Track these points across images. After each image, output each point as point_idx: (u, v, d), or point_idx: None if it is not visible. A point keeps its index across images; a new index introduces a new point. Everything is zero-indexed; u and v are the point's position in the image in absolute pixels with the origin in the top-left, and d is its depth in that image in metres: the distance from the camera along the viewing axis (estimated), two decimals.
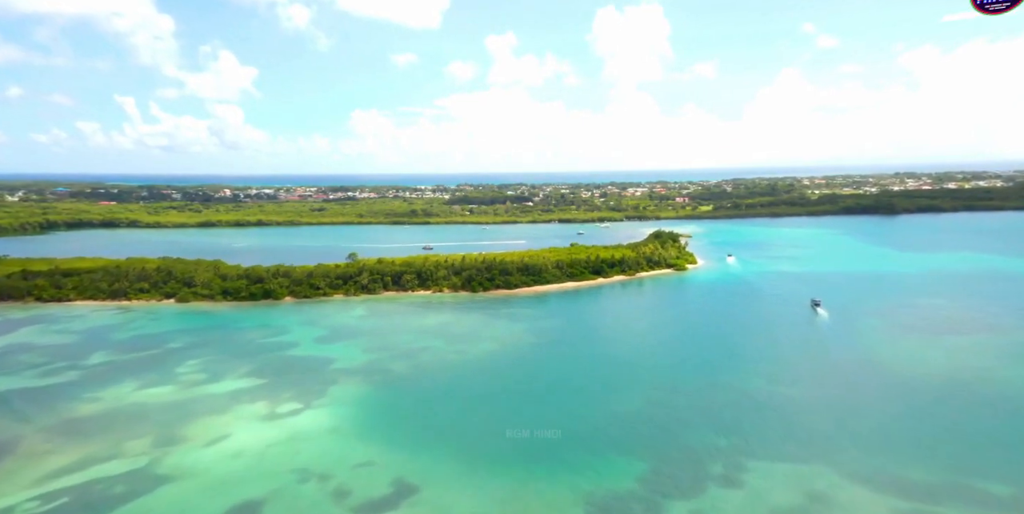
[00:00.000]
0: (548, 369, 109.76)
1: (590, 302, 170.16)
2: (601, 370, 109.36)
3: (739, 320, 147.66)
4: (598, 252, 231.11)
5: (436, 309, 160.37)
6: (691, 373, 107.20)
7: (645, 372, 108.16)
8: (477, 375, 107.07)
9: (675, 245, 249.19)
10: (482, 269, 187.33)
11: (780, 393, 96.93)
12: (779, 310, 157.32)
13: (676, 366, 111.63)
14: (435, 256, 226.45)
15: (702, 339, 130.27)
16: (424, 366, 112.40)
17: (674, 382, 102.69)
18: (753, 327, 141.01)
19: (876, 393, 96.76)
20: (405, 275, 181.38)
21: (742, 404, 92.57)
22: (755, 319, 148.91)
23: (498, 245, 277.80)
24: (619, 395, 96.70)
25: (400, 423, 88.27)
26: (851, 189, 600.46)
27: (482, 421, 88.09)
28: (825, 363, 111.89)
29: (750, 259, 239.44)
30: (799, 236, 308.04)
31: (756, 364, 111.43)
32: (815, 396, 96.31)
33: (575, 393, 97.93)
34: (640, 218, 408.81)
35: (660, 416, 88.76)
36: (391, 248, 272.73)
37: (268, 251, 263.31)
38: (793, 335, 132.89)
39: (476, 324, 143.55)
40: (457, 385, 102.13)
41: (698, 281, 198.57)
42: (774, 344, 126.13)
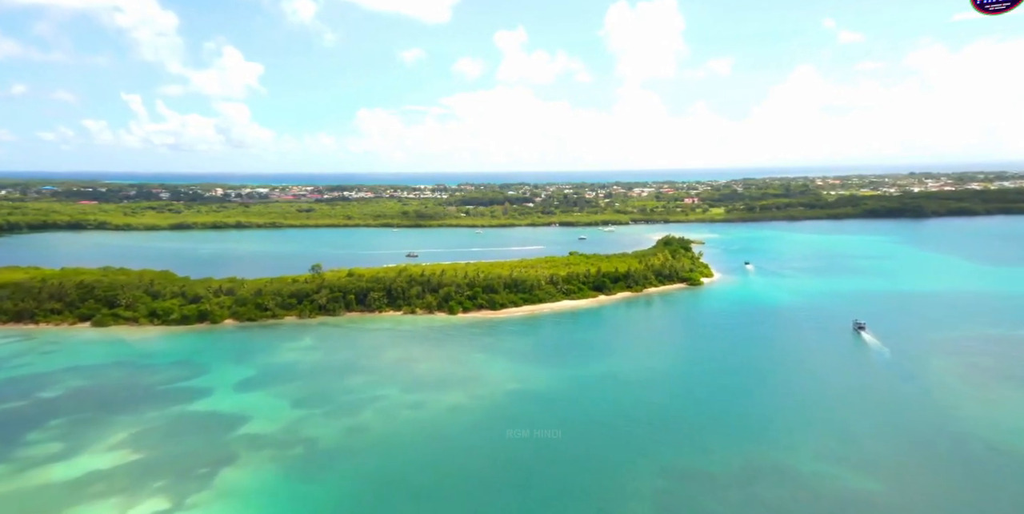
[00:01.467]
0: (525, 442, 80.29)
1: (588, 328, 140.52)
2: (595, 436, 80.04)
3: (770, 352, 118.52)
4: (599, 264, 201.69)
5: (403, 337, 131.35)
6: (719, 443, 77.66)
7: (655, 439, 78.76)
8: (430, 451, 77.83)
9: (688, 254, 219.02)
10: (463, 286, 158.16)
11: (853, 488, 67.23)
12: (816, 336, 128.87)
13: (697, 429, 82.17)
14: (414, 267, 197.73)
15: (727, 382, 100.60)
16: (363, 431, 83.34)
17: (696, 460, 73.27)
18: (789, 362, 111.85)
19: (987, 488, 66.98)
20: (372, 293, 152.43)
21: (802, 510, 63.04)
22: (790, 349, 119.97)
23: (490, 252, 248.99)
24: (617, 483, 67.40)
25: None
26: (868, 190, 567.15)
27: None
28: (902, 429, 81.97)
29: (773, 269, 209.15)
30: (825, 242, 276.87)
31: (805, 428, 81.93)
32: (907, 496, 66.50)
33: (558, 482, 68.67)
34: (647, 221, 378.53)
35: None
36: (372, 256, 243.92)
37: (233, 259, 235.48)
38: (842, 375, 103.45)
39: (446, 361, 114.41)
40: (401, 470, 72.94)
41: (716, 298, 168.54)
42: (821, 389, 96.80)
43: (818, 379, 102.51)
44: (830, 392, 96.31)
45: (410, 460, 74.95)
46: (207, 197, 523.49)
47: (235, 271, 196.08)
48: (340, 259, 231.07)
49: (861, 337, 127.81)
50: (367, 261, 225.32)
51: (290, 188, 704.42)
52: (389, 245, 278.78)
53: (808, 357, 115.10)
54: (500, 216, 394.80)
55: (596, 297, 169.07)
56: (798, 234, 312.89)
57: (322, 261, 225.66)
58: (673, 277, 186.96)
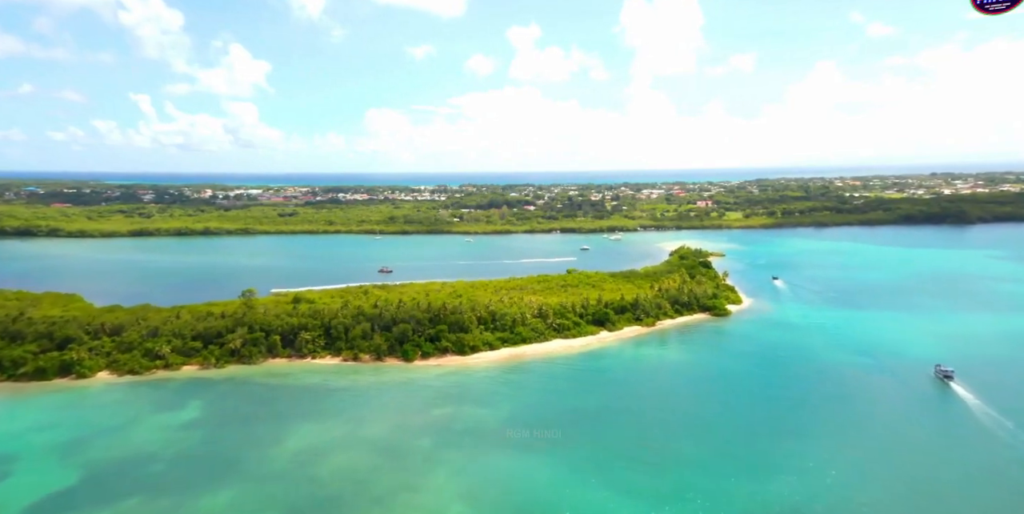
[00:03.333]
0: None
1: (584, 387, 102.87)
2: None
3: (834, 415, 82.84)
4: (602, 285, 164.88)
5: (329, 401, 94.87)
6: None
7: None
8: None
9: (708, 273, 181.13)
10: (424, 322, 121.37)
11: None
12: (888, 389, 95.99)
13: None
14: (377, 290, 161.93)
15: (783, 481, 63.12)
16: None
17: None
18: (871, 444, 74.88)
19: None
20: (304, 333, 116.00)
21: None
22: (857, 409, 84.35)
23: (477, 266, 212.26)
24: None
25: None
26: (893, 192, 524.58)
27: None
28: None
29: (814, 290, 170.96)
30: (869, 255, 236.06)
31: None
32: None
33: None
34: (657, 228, 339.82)
35: None
36: (339, 270, 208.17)
37: (169, 274, 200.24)
38: (939, 448, 66.97)
39: (373, 453, 77.84)
40: None
41: (750, 336, 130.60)
42: (916, 473, 59.78)
43: (905, 456, 65.32)
44: (931, 476, 58.91)
45: None
46: (191, 199, 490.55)
47: (159, 293, 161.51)
48: (297, 276, 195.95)
49: (950, 390, 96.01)
50: (331, 278, 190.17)
51: (285, 189, 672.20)
52: (363, 256, 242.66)
53: (883, 423, 78.47)
54: (497, 221, 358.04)
55: (597, 334, 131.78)
56: (832, 243, 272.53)
57: (274, 279, 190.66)
58: (693, 305, 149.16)
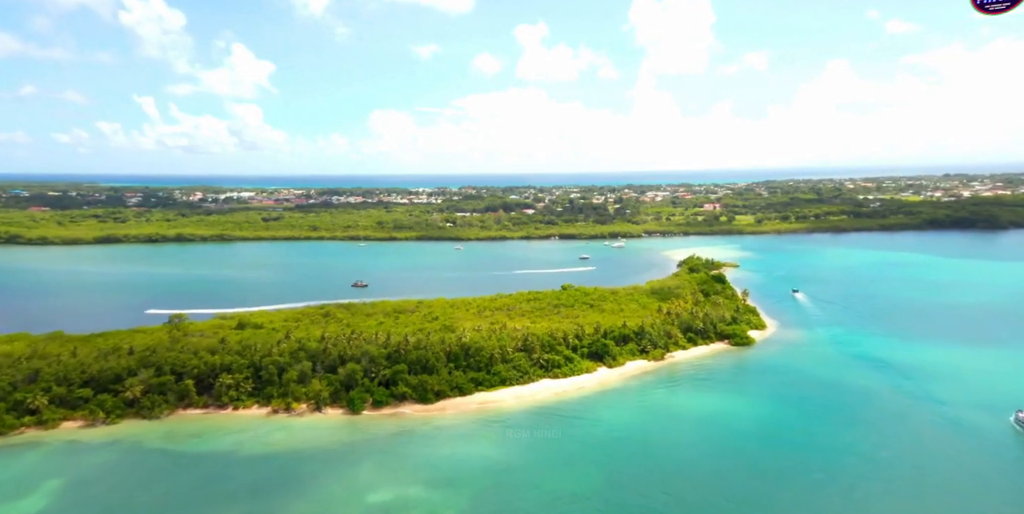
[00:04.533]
0: None
1: (577, 459, 78.21)
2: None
3: (898, 484, 57.13)
4: (601, 306, 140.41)
5: (234, 479, 70.73)
6: None
7: None
8: None
9: (725, 290, 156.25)
10: (379, 360, 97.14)
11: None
12: (959, 440, 71.39)
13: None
14: (340, 311, 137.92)
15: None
16: None
17: None
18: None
19: None
20: (225, 376, 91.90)
21: None
22: (932, 476, 58.53)
23: (464, 278, 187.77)
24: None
25: None
26: (909, 195, 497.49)
27: None
28: None
29: (843, 309, 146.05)
30: (900, 265, 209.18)
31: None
32: None
33: None
34: (663, 233, 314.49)
35: None
36: (306, 285, 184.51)
37: (113, 290, 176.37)
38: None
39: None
40: None
41: (780, 372, 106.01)
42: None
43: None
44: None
45: None
46: (177, 203, 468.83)
47: (85, 317, 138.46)
48: (258, 291, 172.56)
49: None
50: (297, 293, 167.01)
51: (279, 191, 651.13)
52: (340, 267, 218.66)
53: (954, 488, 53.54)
54: (492, 226, 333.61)
55: (594, 371, 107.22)
56: (855, 251, 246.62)
57: (228, 295, 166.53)
58: (708, 332, 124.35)
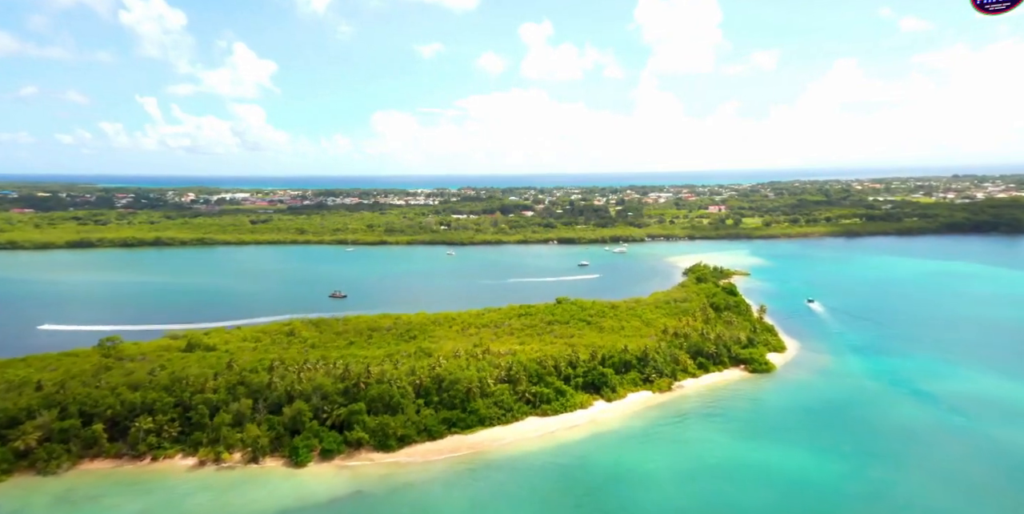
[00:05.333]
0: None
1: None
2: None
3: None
4: (600, 323, 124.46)
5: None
6: None
7: None
8: None
9: (737, 304, 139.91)
10: (333, 397, 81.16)
11: None
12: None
13: None
14: (307, 330, 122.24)
15: None
16: None
17: None
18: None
19: None
20: (144, 419, 76.00)
21: None
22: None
23: (452, 288, 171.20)
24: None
25: None
26: (921, 196, 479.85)
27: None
28: None
29: (871, 324, 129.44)
30: (930, 275, 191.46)
31: None
32: None
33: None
34: (667, 237, 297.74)
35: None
36: (279, 296, 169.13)
37: (57, 304, 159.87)
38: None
39: None
40: None
41: (808, 407, 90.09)
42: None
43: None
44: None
45: None
46: (167, 204, 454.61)
47: (17, 336, 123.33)
48: (223, 304, 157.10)
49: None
50: (267, 306, 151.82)
51: (275, 192, 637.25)
52: (321, 275, 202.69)
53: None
54: (488, 229, 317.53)
55: (590, 406, 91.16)
56: (873, 257, 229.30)
57: (188, 309, 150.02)
58: (721, 356, 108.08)
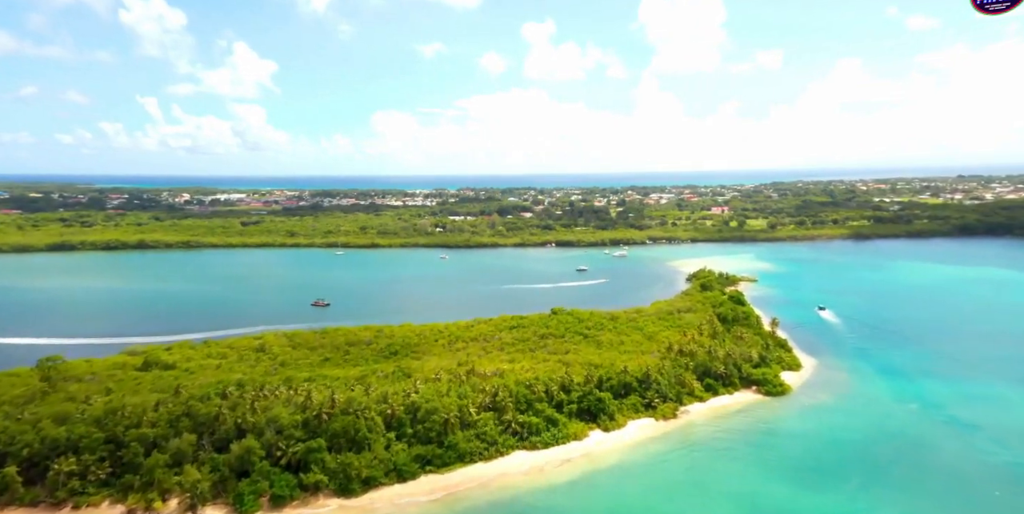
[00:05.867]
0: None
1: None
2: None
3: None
4: (595, 344, 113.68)
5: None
6: None
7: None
8: None
9: (748, 316, 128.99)
10: (290, 431, 70.42)
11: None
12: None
13: None
14: (279, 346, 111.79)
15: None
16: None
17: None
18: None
19: None
20: (65, 460, 65.30)
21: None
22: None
23: (445, 295, 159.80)
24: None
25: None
26: (928, 197, 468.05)
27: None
28: None
29: (892, 335, 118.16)
30: (956, 283, 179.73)
31: None
32: None
33: None
34: (669, 240, 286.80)
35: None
36: (259, 305, 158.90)
37: (21, 314, 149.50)
38: None
39: None
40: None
41: (828, 438, 79.59)
42: None
43: None
44: None
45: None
46: (160, 205, 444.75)
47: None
48: (195, 314, 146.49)
49: None
50: (245, 316, 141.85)
51: (272, 193, 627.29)
52: (306, 281, 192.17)
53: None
54: (484, 231, 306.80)
55: (585, 437, 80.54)
56: (890, 262, 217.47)
57: (158, 319, 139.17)
58: (732, 377, 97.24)
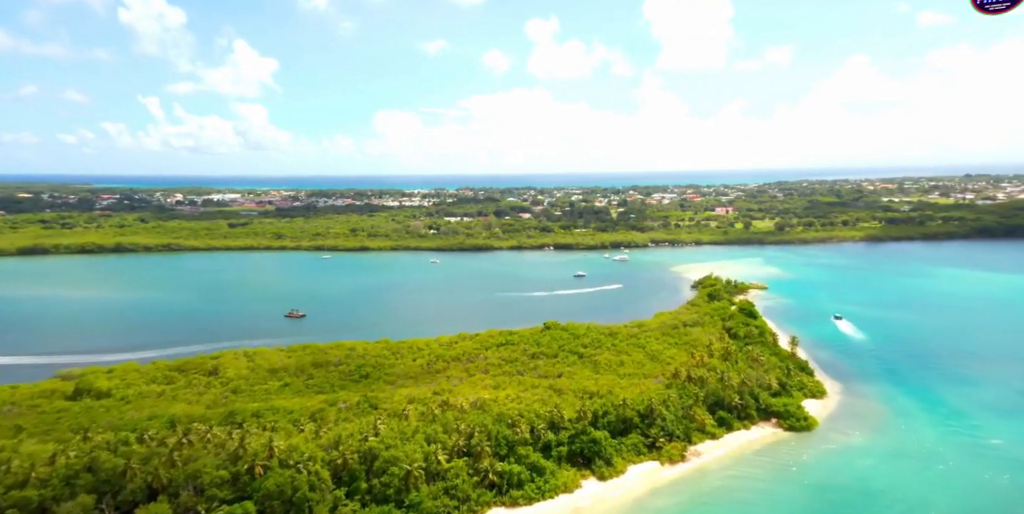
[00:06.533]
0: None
1: None
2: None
3: None
4: (591, 365, 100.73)
5: None
6: None
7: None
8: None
9: (763, 334, 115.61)
10: (211, 490, 57.12)
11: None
12: None
13: None
14: (234, 368, 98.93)
15: None
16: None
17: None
18: None
19: None
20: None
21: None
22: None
23: (431, 304, 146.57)
24: None
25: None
26: (937, 197, 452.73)
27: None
28: None
29: (925, 351, 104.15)
30: (987, 292, 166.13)
31: None
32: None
33: None
34: (672, 243, 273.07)
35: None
36: (229, 316, 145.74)
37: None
38: None
39: None
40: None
41: (863, 486, 66.02)
42: None
43: None
44: None
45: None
46: (150, 206, 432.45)
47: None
48: (159, 327, 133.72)
49: None
50: (211, 329, 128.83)
51: (268, 193, 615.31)
52: (285, 288, 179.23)
53: None
54: (479, 233, 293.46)
55: (576, 488, 67.27)
56: (910, 266, 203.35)
57: (118, 332, 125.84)
58: (748, 409, 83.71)
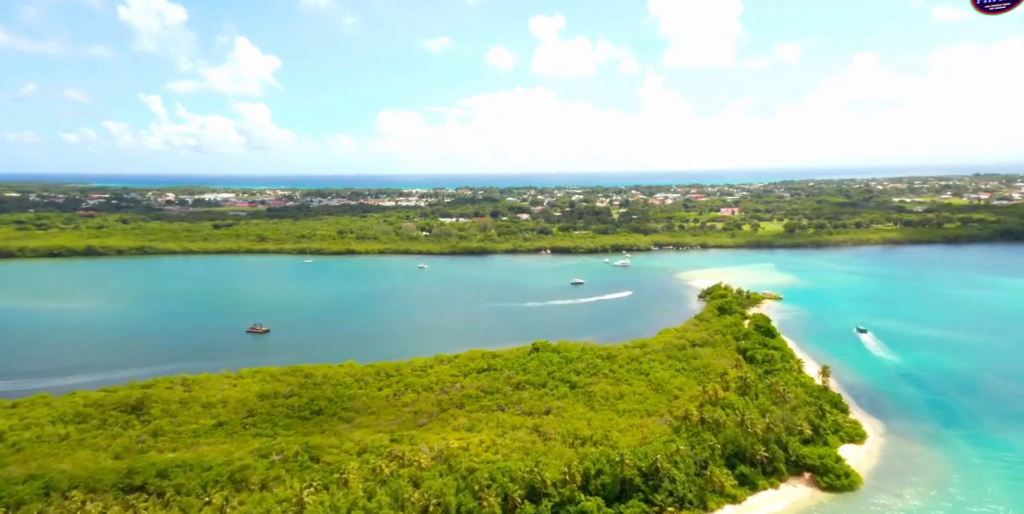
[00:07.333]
0: None
1: None
2: None
3: None
4: (585, 398, 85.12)
5: None
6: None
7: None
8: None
9: (786, 359, 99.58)
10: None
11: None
12: None
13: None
14: (165, 398, 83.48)
15: None
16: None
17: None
18: None
19: None
20: None
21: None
22: None
23: (414, 315, 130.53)
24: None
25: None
26: (950, 197, 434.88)
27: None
28: None
29: (977, 373, 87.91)
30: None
31: None
32: None
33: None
34: (676, 246, 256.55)
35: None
36: (185, 331, 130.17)
37: None
38: None
39: None
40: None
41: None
42: None
43: None
44: None
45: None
46: (138, 206, 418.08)
47: None
48: (95, 346, 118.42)
49: None
50: (161, 348, 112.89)
51: (263, 192, 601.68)
52: (254, 297, 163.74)
53: None
54: (474, 236, 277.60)
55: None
56: (940, 273, 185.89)
57: (44, 352, 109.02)
58: (775, 462, 67.70)
